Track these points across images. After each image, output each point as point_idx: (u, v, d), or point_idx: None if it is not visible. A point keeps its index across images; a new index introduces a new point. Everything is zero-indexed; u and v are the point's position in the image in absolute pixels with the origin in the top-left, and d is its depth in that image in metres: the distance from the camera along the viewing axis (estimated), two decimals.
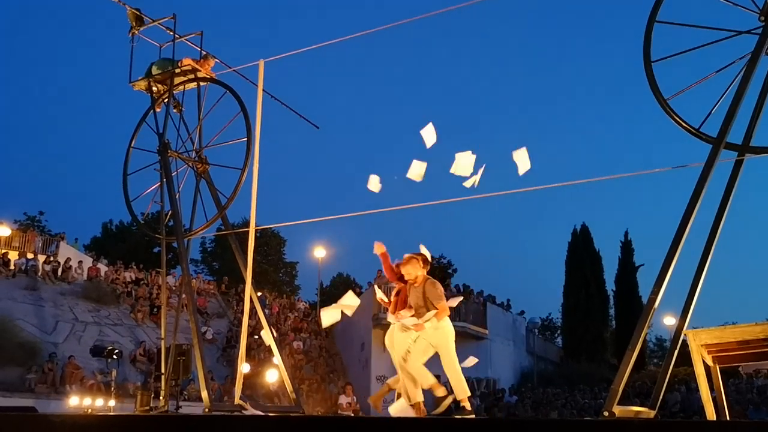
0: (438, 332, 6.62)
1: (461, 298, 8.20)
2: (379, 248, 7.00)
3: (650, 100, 7.33)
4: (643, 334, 6.46)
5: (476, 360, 7.41)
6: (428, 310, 6.55)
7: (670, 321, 28.27)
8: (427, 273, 6.78)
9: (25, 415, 7.40)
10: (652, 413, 6.19)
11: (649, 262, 31.31)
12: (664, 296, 6.51)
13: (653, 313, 6.53)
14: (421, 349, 6.66)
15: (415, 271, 6.66)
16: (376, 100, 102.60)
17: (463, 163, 7.27)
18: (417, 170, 7.49)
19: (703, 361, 6.19)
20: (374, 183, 7.70)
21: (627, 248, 31.42)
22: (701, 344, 6.13)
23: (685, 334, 6.28)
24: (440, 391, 6.57)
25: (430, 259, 6.95)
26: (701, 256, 6.66)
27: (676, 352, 6.41)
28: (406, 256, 6.79)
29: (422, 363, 6.68)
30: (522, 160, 7.21)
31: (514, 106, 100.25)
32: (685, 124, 7.21)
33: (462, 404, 6.55)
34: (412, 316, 6.59)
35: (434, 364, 6.79)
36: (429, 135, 7.50)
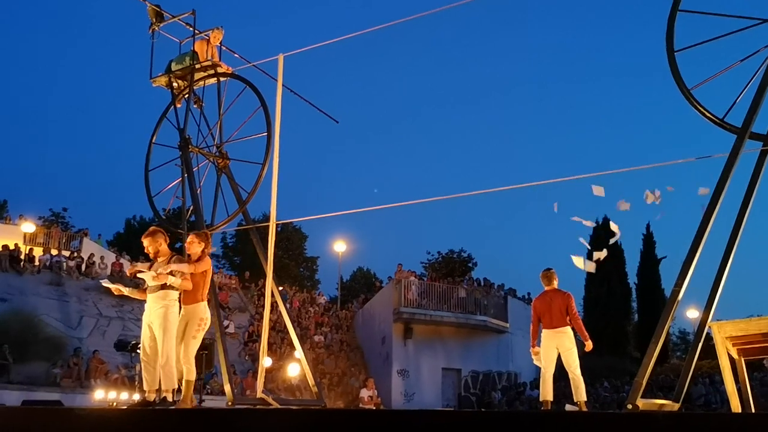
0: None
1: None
2: None
3: (673, 89, 7.25)
4: (666, 327, 6.41)
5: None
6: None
7: (693, 314, 27.99)
8: None
9: (52, 409, 7.51)
10: (676, 406, 6.15)
11: (670, 254, 31.03)
12: (686, 289, 6.46)
13: (677, 305, 6.48)
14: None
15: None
16: (394, 94, 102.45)
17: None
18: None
19: (728, 354, 6.12)
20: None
21: (649, 241, 31.14)
22: (726, 336, 6.06)
23: (709, 327, 6.22)
24: None
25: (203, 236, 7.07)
26: (726, 247, 6.59)
27: (701, 344, 6.35)
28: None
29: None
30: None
31: (530, 99, 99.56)
32: (709, 114, 7.12)
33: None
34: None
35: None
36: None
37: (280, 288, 22.23)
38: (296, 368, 18.05)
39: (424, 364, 23.75)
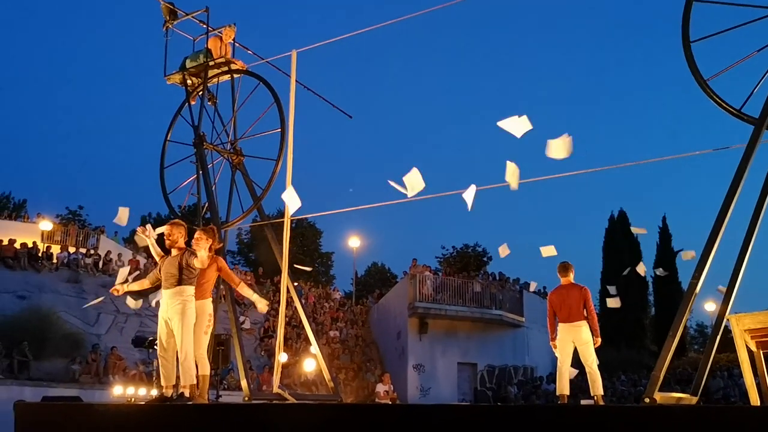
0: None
1: None
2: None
3: (690, 80, 7.18)
4: (684, 320, 6.37)
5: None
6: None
7: (710, 307, 27.81)
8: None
9: (72, 405, 7.57)
10: (694, 399, 6.11)
11: (687, 247, 30.87)
12: (704, 281, 6.41)
13: (694, 298, 6.43)
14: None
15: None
16: (407, 88, 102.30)
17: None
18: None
19: (747, 347, 6.07)
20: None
21: (665, 234, 30.99)
22: (745, 329, 6.00)
23: (727, 319, 6.17)
24: None
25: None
26: (744, 239, 6.52)
27: (719, 337, 6.30)
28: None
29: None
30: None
31: (546, 91, 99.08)
32: (725, 105, 7.06)
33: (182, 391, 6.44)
34: None
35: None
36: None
37: (295, 284, 22.23)
38: (312, 363, 18.12)
39: (439, 359, 23.75)
